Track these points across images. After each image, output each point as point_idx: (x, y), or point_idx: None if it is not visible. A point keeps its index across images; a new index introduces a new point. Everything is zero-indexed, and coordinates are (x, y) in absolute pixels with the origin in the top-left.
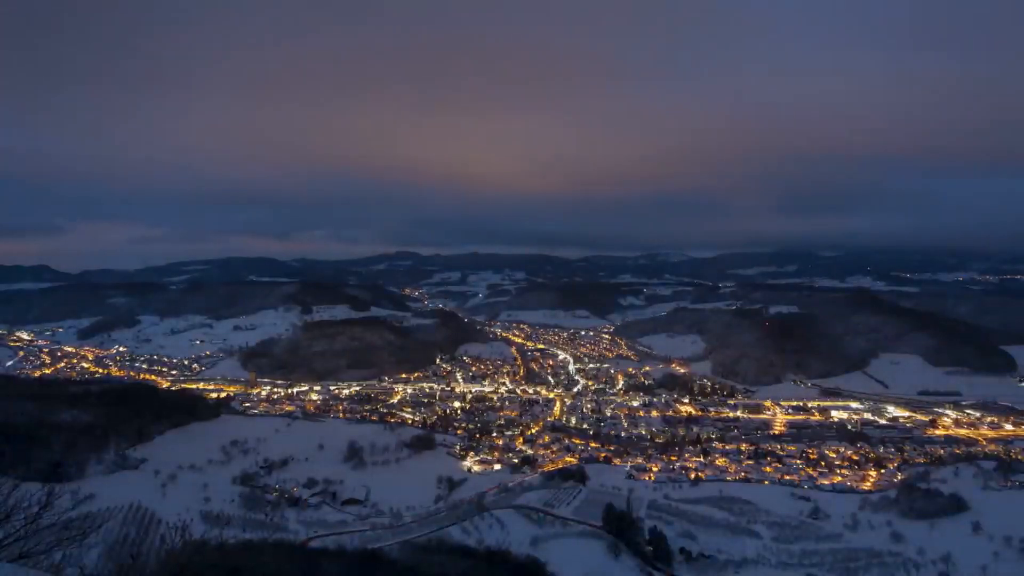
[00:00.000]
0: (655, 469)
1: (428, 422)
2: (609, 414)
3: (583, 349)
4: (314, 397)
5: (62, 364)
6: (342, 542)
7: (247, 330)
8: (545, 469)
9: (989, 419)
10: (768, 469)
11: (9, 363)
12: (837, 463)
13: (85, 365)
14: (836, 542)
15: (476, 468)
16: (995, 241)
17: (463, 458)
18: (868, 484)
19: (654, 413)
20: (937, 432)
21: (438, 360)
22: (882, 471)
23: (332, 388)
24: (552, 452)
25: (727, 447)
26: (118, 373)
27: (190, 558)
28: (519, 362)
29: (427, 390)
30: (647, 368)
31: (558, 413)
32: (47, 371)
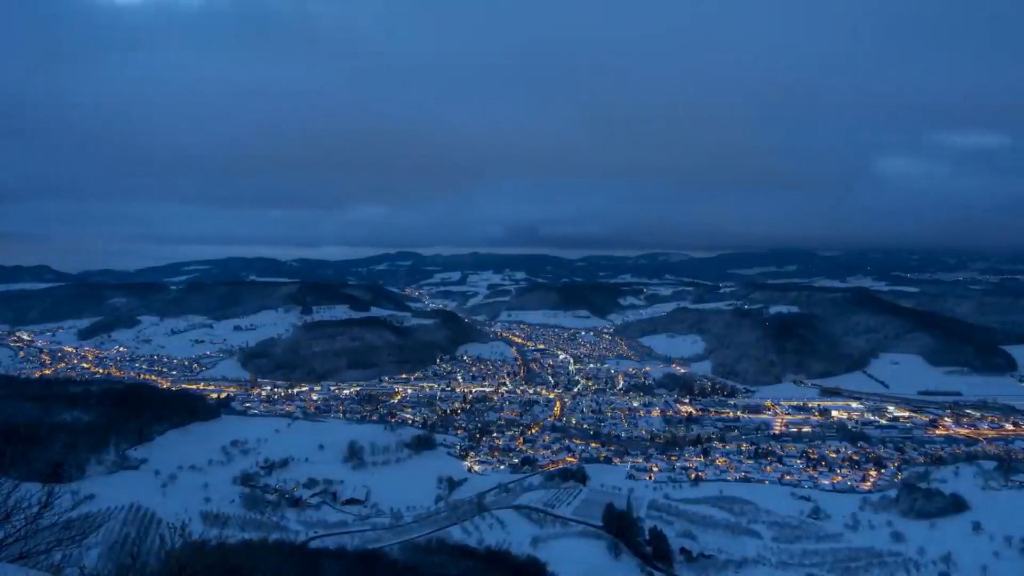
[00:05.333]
0: (655, 469)
1: (428, 422)
2: (609, 414)
3: (583, 349)
4: (314, 397)
5: (62, 364)
6: (342, 542)
7: (247, 330)
8: (545, 469)
9: (989, 419)
10: (768, 469)
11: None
12: (837, 463)
13: (85, 365)
14: (836, 542)
15: (476, 468)
16: (995, 241)
17: (463, 458)
18: (868, 484)
19: (654, 413)
20: (937, 432)
21: (438, 360)
22: (882, 471)
23: (332, 388)
24: (552, 452)
25: (727, 447)
26: (118, 373)
27: (190, 558)
28: (519, 362)
29: (427, 390)
30: (647, 368)
31: (558, 413)
32: (47, 371)
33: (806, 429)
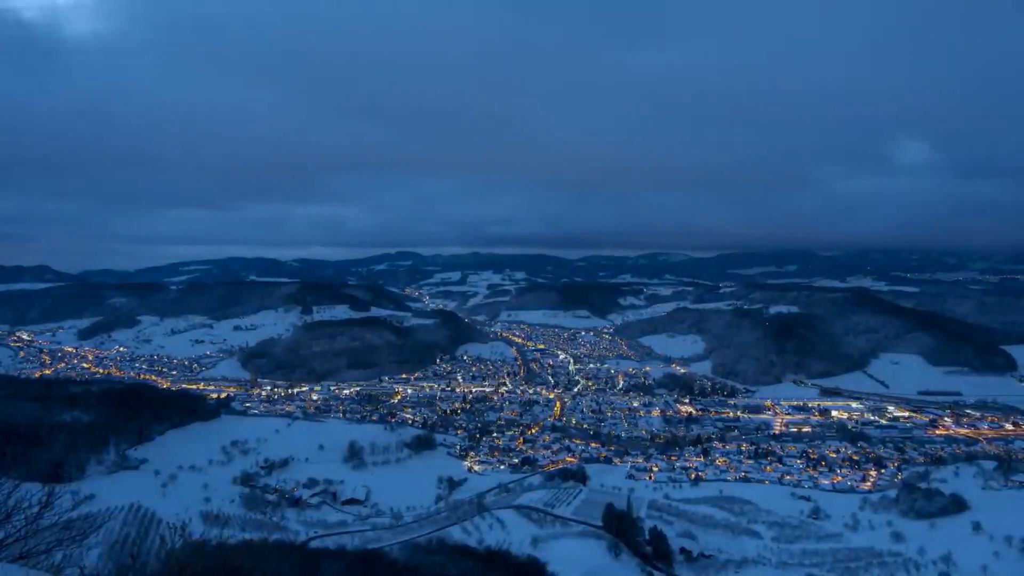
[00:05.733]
0: (655, 469)
1: (428, 422)
2: (609, 414)
3: (583, 349)
4: (314, 397)
5: (62, 364)
6: (342, 542)
7: (247, 330)
8: (545, 469)
9: (989, 419)
10: (768, 469)
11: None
12: (837, 463)
13: (85, 365)
14: (836, 542)
15: (476, 468)
16: (995, 241)
17: (463, 458)
18: (868, 484)
19: (654, 413)
20: (937, 432)
21: (438, 360)
22: (882, 471)
23: (332, 388)
24: (552, 452)
25: (727, 447)
26: (118, 373)
27: (190, 558)
28: (519, 362)
29: (427, 390)
30: (647, 368)
31: (558, 413)
32: (47, 371)
33: (806, 429)
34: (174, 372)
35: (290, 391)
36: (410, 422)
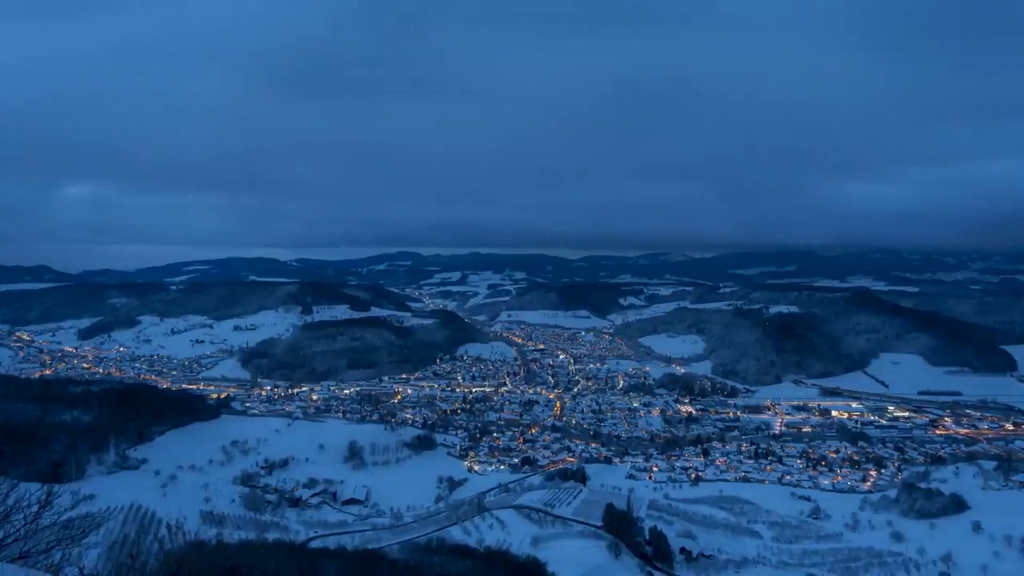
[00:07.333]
0: (655, 469)
1: (428, 422)
2: (609, 414)
3: (583, 349)
4: (314, 397)
5: (62, 364)
6: (342, 542)
7: (247, 330)
8: (545, 469)
9: (989, 419)
10: (768, 469)
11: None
12: (837, 463)
13: (85, 365)
14: (836, 542)
15: (476, 468)
16: (995, 241)
17: (463, 458)
18: (868, 484)
19: (654, 413)
20: (937, 432)
21: (438, 360)
22: (882, 471)
23: (332, 388)
24: (552, 452)
25: (727, 447)
26: (118, 373)
27: (189, 558)
28: (519, 362)
29: (427, 390)
30: (647, 368)
31: (558, 413)
32: (47, 371)
33: (806, 429)
34: (174, 372)
35: (290, 391)
36: (410, 422)
